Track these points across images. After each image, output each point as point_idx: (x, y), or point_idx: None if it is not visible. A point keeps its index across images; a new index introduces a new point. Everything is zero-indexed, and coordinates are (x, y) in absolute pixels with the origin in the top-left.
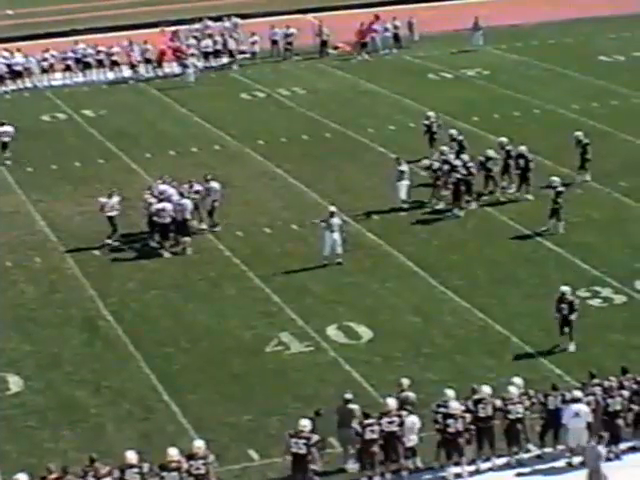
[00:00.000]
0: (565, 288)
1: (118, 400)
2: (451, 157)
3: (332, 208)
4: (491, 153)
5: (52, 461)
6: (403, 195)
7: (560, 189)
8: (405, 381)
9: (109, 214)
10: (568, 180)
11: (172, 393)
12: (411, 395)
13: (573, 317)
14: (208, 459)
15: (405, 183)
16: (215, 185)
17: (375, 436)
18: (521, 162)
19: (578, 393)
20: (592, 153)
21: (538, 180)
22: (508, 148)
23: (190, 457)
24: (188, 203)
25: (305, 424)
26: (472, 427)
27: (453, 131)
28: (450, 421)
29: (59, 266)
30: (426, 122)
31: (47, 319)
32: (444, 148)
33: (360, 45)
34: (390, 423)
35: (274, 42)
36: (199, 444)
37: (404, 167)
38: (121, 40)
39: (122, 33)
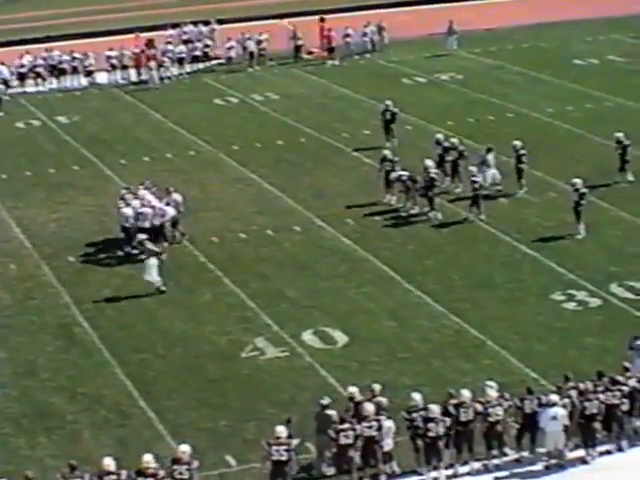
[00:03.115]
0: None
1: (94, 407)
2: (396, 158)
3: (141, 236)
4: (474, 170)
5: (29, 468)
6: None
7: (583, 190)
8: (377, 386)
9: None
10: (544, 184)
11: (148, 399)
12: (383, 400)
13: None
14: (192, 465)
15: (491, 171)
16: (178, 197)
17: (350, 441)
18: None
19: (554, 397)
20: (567, 157)
21: (511, 185)
22: (522, 152)
23: (175, 461)
24: (170, 210)
25: (281, 430)
26: (451, 431)
27: (439, 136)
28: (431, 425)
29: (34, 273)
30: (393, 110)
31: (22, 326)
32: (386, 152)
33: (327, 50)
34: (369, 428)
35: (245, 48)
36: (184, 449)
37: (489, 156)
38: (96, 47)
39: (97, 40)
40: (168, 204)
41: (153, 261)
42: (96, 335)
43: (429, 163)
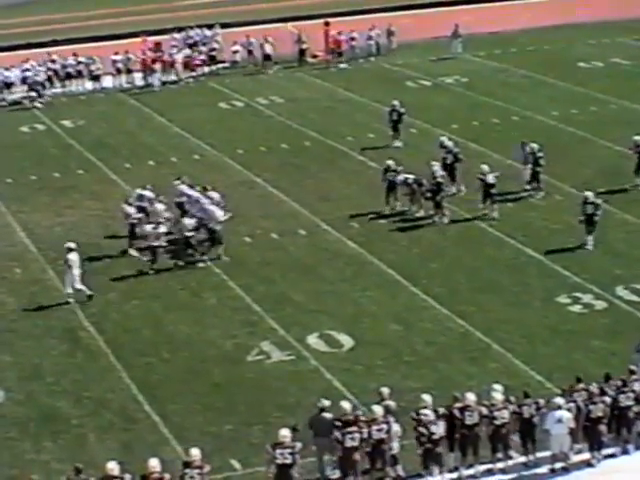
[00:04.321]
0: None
1: (99, 410)
2: (399, 168)
3: (69, 244)
4: (486, 168)
5: (34, 472)
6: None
7: (598, 202)
8: (385, 390)
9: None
10: (549, 187)
11: (153, 403)
12: (392, 404)
13: None
14: (204, 469)
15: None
16: (215, 195)
17: (355, 444)
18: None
19: (560, 399)
20: (572, 160)
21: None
22: (539, 155)
23: (186, 465)
24: (218, 211)
25: (285, 434)
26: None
27: (443, 138)
28: (433, 427)
29: (39, 277)
30: (400, 110)
31: (28, 330)
32: (389, 162)
33: (337, 54)
34: (379, 431)
35: (250, 52)
36: (195, 452)
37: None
38: (102, 51)
39: (103, 44)
40: (218, 204)
41: (76, 271)
42: (101, 339)
43: (436, 167)
